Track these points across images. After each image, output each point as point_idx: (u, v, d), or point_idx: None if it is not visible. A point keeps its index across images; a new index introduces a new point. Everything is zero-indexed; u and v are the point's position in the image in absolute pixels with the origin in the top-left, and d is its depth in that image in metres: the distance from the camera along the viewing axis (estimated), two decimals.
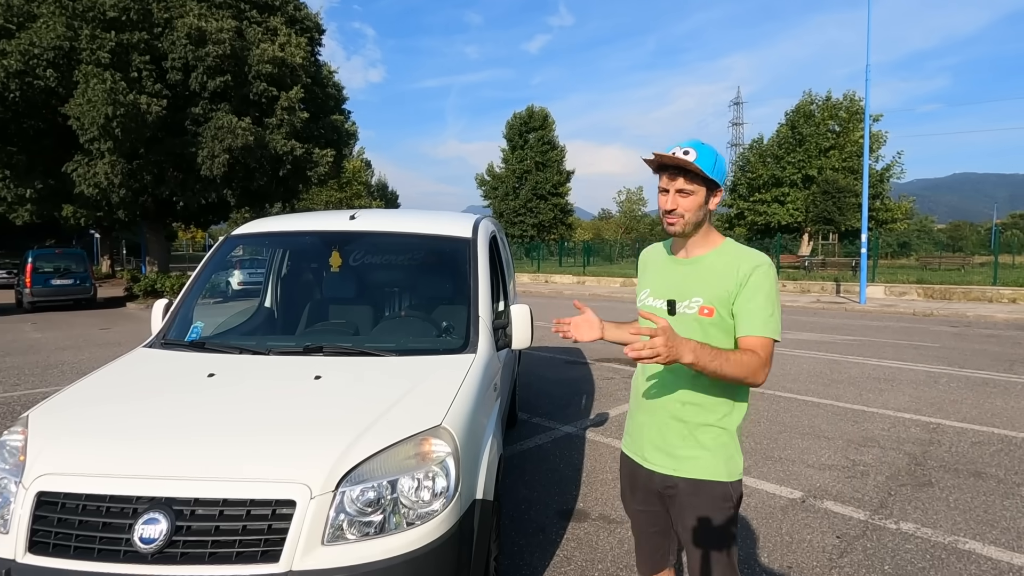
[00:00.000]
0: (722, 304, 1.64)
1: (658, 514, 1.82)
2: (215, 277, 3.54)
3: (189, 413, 2.09)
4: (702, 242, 1.73)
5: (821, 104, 35.80)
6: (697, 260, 1.73)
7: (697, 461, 1.69)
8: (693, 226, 1.68)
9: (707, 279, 1.68)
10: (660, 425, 1.74)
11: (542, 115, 43.49)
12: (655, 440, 1.75)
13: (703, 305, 1.66)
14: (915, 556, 3.01)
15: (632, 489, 1.87)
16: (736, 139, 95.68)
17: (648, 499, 1.82)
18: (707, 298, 1.66)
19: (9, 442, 2.01)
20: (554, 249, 34.82)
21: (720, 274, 1.67)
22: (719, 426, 1.69)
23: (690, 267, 1.74)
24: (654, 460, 1.76)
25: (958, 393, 6.34)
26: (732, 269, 1.65)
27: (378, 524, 1.77)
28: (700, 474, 1.68)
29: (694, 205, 1.65)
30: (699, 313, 1.66)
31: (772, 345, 1.61)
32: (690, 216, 1.66)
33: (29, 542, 1.73)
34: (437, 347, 2.85)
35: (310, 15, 20.57)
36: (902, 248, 34.99)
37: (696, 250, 1.73)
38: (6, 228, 26.07)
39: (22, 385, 6.98)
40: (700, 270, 1.71)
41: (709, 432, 1.69)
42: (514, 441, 4.76)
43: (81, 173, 15.84)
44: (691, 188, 1.63)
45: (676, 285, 1.73)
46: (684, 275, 1.73)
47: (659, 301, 1.76)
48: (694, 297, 1.68)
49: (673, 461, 1.72)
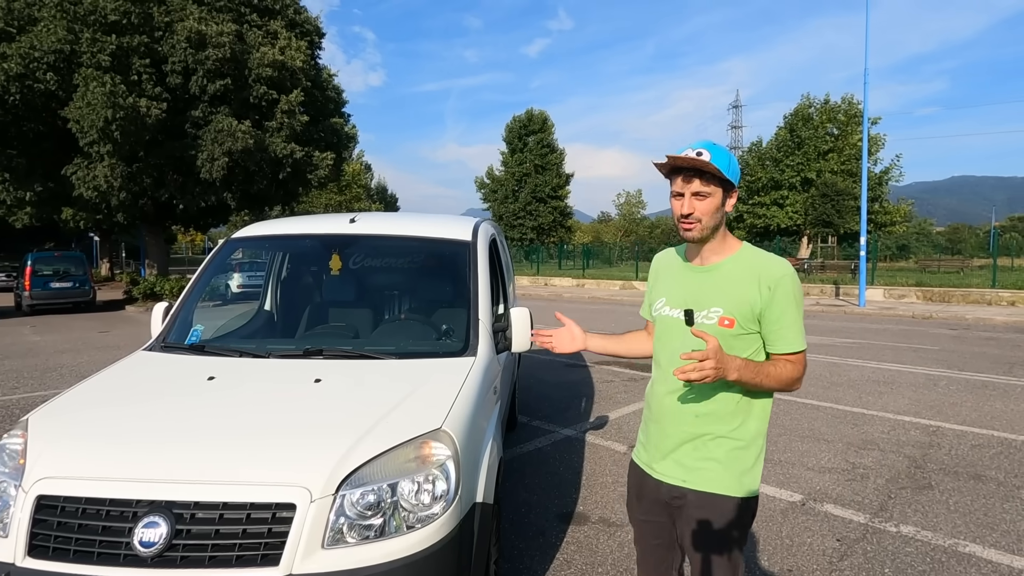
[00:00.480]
0: (743, 315, 1.58)
1: (663, 526, 1.77)
2: (215, 280, 3.55)
3: (189, 416, 2.09)
4: (719, 248, 1.66)
5: (819, 107, 35.90)
6: (715, 268, 1.66)
7: (707, 473, 1.63)
8: (711, 230, 1.61)
9: (726, 288, 1.62)
10: (672, 435, 1.69)
11: (541, 118, 43.59)
12: (666, 450, 1.70)
13: (723, 316, 1.59)
14: (915, 559, 3.01)
15: (639, 498, 1.82)
16: (735, 142, 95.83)
17: (653, 509, 1.77)
18: (727, 308, 1.59)
19: (9, 446, 2.01)
20: (553, 252, 34.85)
21: (740, 282, 1.60)
22: (732, 437, 1.62)
23: (707, 275, 1.67)
24: (663, 470, 1.71)
25: (958, 396, 6.34)
26: (753, 278, 1.59)
27: (378, 527, 1.77)
28: (709, 487, 1.62)
29: (711, 208, 1.58)
30: (719, 324, 1.59)
31: (805, 354, 1.61)
32: (707, 220, 1.59)
33: (29, 545, 1.72)
34: (437, 350, 2.85)
35: (310, 19, 20.63)
36: (901, 251, 35.05)
37: (713, 257, 1.67)
38: (5, 231, 26.08)
39: (21, 388, 6.97)
40: (718, 278, 1.64)
41: (722, 444, 1.63)
42: (514, 444, 4.75)
43: (81, 176, 15.86)
44: (708, 190, 1.57)
45: (693, 294, 1.66)
46: (701, 283, 1.66)
47: (675, 311, 1.69)
48: (713, 307, 1.61)
49: (683, 471, 1.66)
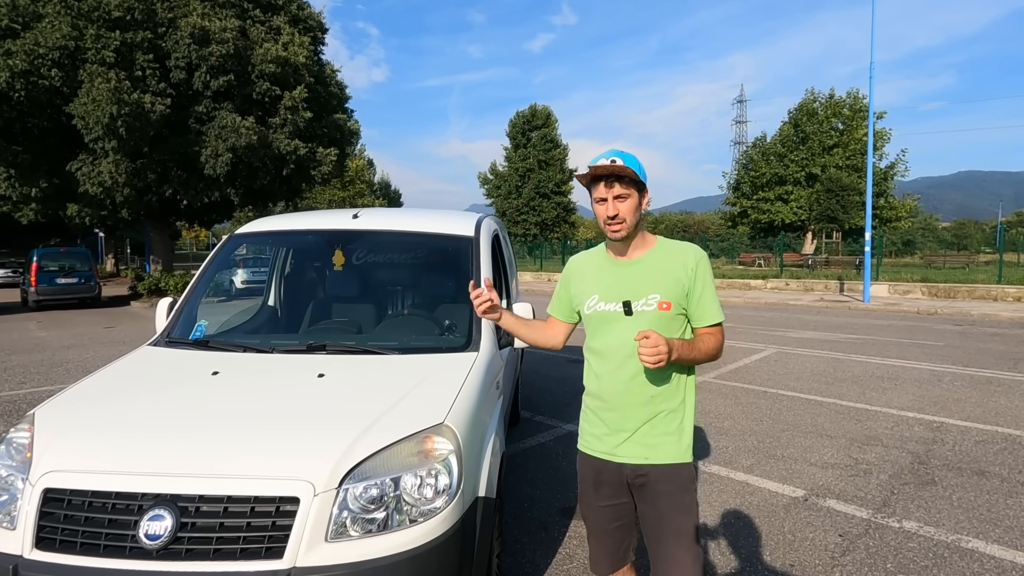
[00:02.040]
0: (677, 296, 1.78)
1: (624, 505, 1.87)
2: (219, 276, 3.56)
3: (194, 411, 2.10)
4: (641, 243, 1.85)
5: (824, 102, 35.66)
6: (641, 260, 1.84)
7: (665, 447, 1.79)
8: (634, 227, 1.79)
9: (659, 275, 1.80)
10: (632, 418, 1.80)
11: (545, 113, 43.47)
12: (627, 434, 1.81)
13: (661, 300, 1.77)
14: (917, 555, 3.01)
15: (596, 486, 1.89)
16: (740, 137, 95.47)
17: (616, 492, 1.86)
18: (663, 293, 1.77)
19: (16, 439, 2.03)
20: (557, 248, 34.79)
21: (670, 268, 1.80)
22: (678, 411, 1.82)
23: (635, 267, 1.83)
24: (625, 453, 1.82)
25: (962, 392, 6.32)
26: (679, 263, 1.80)
27: (381, 521, 1.78)
28: (669, 459, 1.79)
29: (632, 208, 1.76)
30: (658, 308, 1.77)
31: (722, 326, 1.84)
32: (631, 219, 1.76)
33: (36, 538, 1.74)
34: (440, 345, 2.86)
35: (313, 14, 20.59)
36: (906, 246, 34.84)
37: (637, 251, 1.85)
38: (11, 227, 26.20)
39: (28, 383, 7.02)
40: (648, 268, 1.82)
41: (673, 418, 1.81)
42: (517, 439, 4.77)
43: (86, 172, 15.91)
44: (627, 192, 1.74)
45: (627, 286, 1.81)
46: (632, 275, 1.82)
47: (612, 304, 1.82)
48: (651, 294, 1.78)
49: (645, 450, 1.80)
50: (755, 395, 6.21)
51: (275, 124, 17.88)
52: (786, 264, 23.45)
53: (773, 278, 20.49)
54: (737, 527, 3.31)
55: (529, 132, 43.44)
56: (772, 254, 27.12)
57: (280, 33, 18.26)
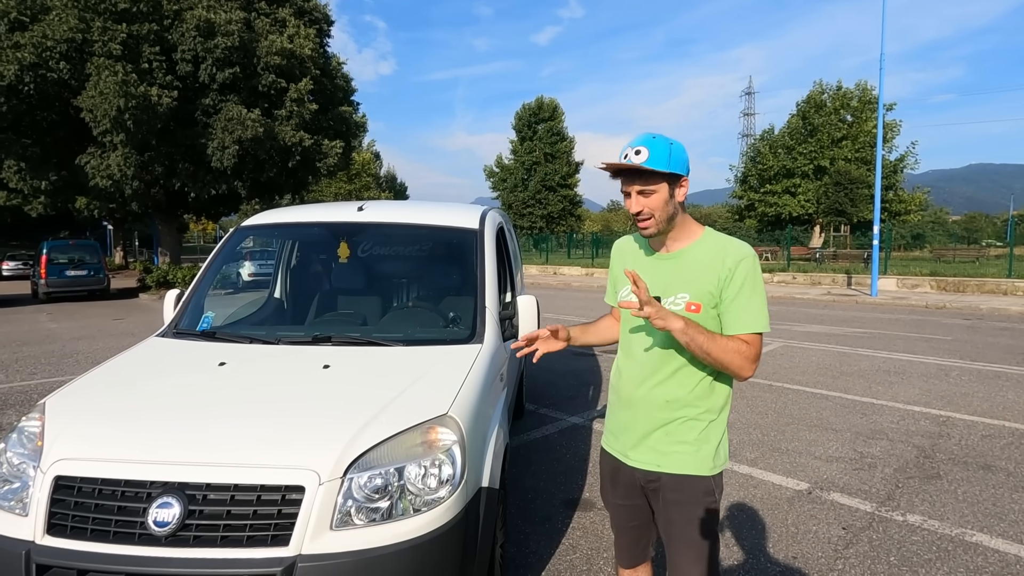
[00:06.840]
0: (708, 299, 1.62)
1: (640, 508, 1.81)
2: (226, 268, 3.59)
3: (201, 401, 2.13)
4: (681, 235, 1.68)
5: (833, 93, 35.28)
6: (679, 254, 1.69)
7: (679, 456, 1.67)
8: (666, 222, 1.63)
9: (692, 274, 1.65)
10: (644, 421, 1.71)
11: (551, 106, 43.28)
12: (638, 437, 1.73)
13: (689, 301, 1.63)
14: (921, 548, 3.01)
15: (613, 484, 1.85)
16: (748, 129, 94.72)
17: (630, 494, 1.80)
18: (693, 294, 1.63)
19: (27, 428, 2.06)
20: (563, 241, 34.73)
21: (704, 267, 1.63)
22: (701, 419, 1.67)
23: (672, 262, 1.70)
24: (637, 457, 1.74)
25: (969, 386, 6.29)
26: (717, 262, 1.62)
27: (385, 510, 1.80)
28: (683, 469, 1.67)
29: (660, 202, 1.60)
30: (686, 309, 1.62)
31: (761, 339, 1.62)
32: (660, 214, 1.61)
33: (48, 524, 1.77)
34: (444, 337, 2.88)
35: (318, 6, 20.55)
36: (916, 240, 34.54)
37: (676, 244, 1.69)
38: (21, 220, 26.42)
39: (39, 374, 7.11)
40: (683, 265, 1.67)
41: (693, 427, 1.67)
42: (521, 431, 4.79)
43: (94, 165, 16.01)
44: (651, 187, 1.59)
45: (659, 281, 1.67)
46: (667, 271, 1.69)
47: None
48: (680, 293, 1.64)
49: (657, 456, 1.70)
50: (760, 388, 6.21)
51: (281, 116, 17.90)
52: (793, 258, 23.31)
53: (780, 272, 20.36)
54: (741, 519, 3.32)
55: (535, 125, 43.28)
56: (779, 247, 26.95)
57: (285, 25, 18.25)
